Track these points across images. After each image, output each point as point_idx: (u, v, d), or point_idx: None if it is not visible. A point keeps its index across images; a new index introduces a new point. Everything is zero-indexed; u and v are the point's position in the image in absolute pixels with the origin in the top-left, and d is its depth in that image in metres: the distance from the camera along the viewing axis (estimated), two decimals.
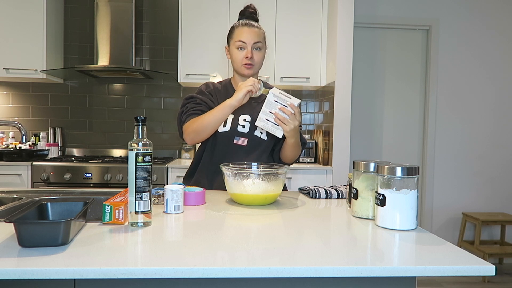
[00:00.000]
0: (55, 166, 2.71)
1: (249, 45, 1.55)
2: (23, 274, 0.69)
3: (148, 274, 0.71)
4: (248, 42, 1.54)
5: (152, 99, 3.38)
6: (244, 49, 1.56)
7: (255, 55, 1.56)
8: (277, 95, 1.42)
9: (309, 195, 1.45)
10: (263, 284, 0.82)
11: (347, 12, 2.86)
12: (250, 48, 1.55)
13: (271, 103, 1.42)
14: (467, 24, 3.50)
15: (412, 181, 0.99)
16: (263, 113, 1.43)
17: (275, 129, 1.44)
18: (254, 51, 1.56)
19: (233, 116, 1.56)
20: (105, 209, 0.99)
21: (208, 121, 1.49)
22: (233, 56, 1.59)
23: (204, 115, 1.51)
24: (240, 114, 1.57)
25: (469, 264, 0.76)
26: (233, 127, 1.55)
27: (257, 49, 1.57)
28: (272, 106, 1.42)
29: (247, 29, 1.55)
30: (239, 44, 1.55)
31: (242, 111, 1.57)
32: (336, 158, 2.88)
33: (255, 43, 1.55)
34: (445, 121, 3.52)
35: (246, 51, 1.55)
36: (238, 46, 1.56)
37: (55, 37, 3.15)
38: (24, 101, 3.30)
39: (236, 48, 1.56)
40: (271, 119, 1.42)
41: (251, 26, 1.56)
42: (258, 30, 1.57)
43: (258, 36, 1.56)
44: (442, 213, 3.55)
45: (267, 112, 1.42)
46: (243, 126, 1.56)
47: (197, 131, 1.51)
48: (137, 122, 0.99)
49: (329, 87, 3.01)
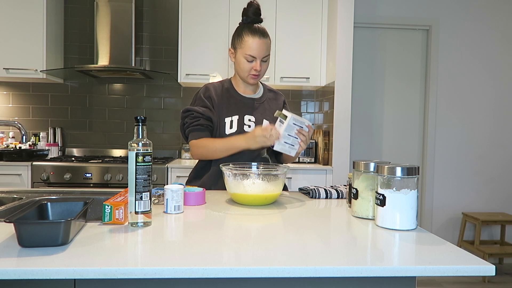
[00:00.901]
0: (55, 166, 2.71)
1: (259, 59, 1.54)
2: (23, 274, 0.69)
3: (148, 274, 0.71)
4: (259, 56, 1.53)
5: (152, 99, 3.38)
6: (252, 62, 1.55)
7: (262, 67, 1.56)
8: (296, 119, 1.44)
9: (309, 195, 1.45)
10: (263, 284, 0.82)
11: (347, 12, 2.86)
12: (259, 61, 1.54)
13: (290, 127, 1.43)
14: (467, 24, 3.50)
15: (412, 181, 0.99)
16: (283, 137, 1.42)
17: (290, 150, 1.46)
18: (262, 62, 1.56)
19: (238, 117, 1.58)
20: (105, 209, 0.99)
21: (215, 153, 1.54)
22: (240, 64, 1.57)
23: (213, 145, 1.53)
24: (244, 114, 1.60)
25: (469, 264, 0.76)
26: (240, 128, 1.57)
27: (265, 61, 1.57)
28: (291, 129, 1.43)
29: (258, 41, 1.52)
30: (249, 57, 1.54)
31: (246, 111, 1.60)
32: (336, 158, 2.88)
33: (264, 57, 1.55)
34: (445, 121, 3.52)
35: (255, 63, 1.54)
36: (248, 58, 1.54)
37: (55, 37, 3.15)
38: (24, 101, 3.30)
39: (245, 59, 1.55)
40: (288, 141, 1.44)
41: (262, 38, 1.53)
42: (268, 42, 1.55)
43: (267, 49, 1.55)
44: (442, 213, 3.55)
45: (286, 135, 1.43)
46: (248, 126, 1.58)
47: (204, 156, 1.58)
48: (137, 122, 0.99)
49: (329, 87, 3.01)
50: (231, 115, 1.59)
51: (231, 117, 1.59)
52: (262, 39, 1.52)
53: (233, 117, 1.59)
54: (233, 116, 1.59)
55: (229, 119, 1.58)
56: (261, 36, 1.52)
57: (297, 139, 1.44)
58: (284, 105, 1.74)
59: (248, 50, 1.52)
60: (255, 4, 1.56)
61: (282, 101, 1.73)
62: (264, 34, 1.54)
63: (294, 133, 1.43)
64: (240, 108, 1.61)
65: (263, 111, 1.64)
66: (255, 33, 1.52)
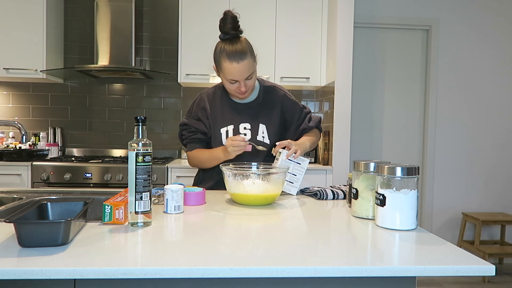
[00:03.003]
0: (55, 166, 2.71)
1: (242, 81, 1.47)
2: (23, 274, 0.69)
3: (148, 274, 0.71)
4: (241, 79, 1.46)
5: (152, 99, 3.38)
6: (236, 83, 1.48)
7: (248, 84, 1.49)
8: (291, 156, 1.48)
9: (316, 196, 1.44)
10: (263, 284, 0.82)
11: (347, 12, 2.86)
12: (243, 82, 1.47)
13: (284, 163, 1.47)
14: (467, 24, 3.49)
15: (412, 181, 0.99)
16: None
17: (290, 188, 1.49)
18: (246, 81, 1.48)
19: (234, 127, 1.58)
20: (105, 209, 0.99)
21: (204, 164, 1.62)
22: (225, 84, 1.52)
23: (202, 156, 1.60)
24: (239, 123, 1.59)
25: (469, 264, 0.76)
26: None
27: (249, 78, 1.48)
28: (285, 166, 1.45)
29: (236, 66, 1.42)
30: (231, 81, 1.47)
31: (240, 120, 1.59)
32: (336, 158, 2.88)
33: (247, 77, 1.47)
34: (445, 121, 3.52)
35: (238, 84, 1.48)
36: (230, 81, 1.48)
37: (55, 37, 3.15)
38: (24, 101, 3.30)
39: (227, 81, 1.49)
40: (286, 178, 1.45)
41: (240, 61, 1.42)
42: (248, 62, 1.44)
43: (248, 70, 1.45)
44: (442, 213, 3.55)
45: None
46: (245, 134, 1.58)
47: (197, 165, 1.67)
48: (137, 122, 0.99)
49: (329, 87, 3.01)
50: (226, 125, 1.59)
51: (226, 127, 1.59)
52: (241, 63, 1.42)
53: (228, 127, 1.59)
54: (228, 126, 1.59)
55: (224, 129, 1.59)
56: (240, 60, 1.42)
57: (295, 176, 1.48)
58: (285, 99, 1.66)
59: (229, 75, 1.46)
60: (230, 15, 1.43)
61: (281, 97, 1.65)
62: (243, 56, 1.42)
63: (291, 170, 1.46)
64: (234, 117, 1.59)
65: (258, 115, 1.61)
66: (232, 59, 1.42)
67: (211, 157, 1.57)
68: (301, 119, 1.68)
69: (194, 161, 1.65)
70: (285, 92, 1.68)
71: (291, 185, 1.49)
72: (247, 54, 1.44)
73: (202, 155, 1.61)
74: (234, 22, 1.43)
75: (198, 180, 1.70)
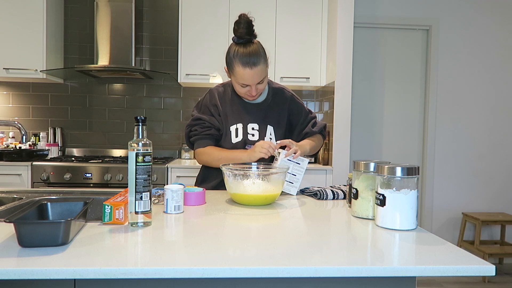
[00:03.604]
0: (55, 166, 2.71)
1: (253, 85, 1.48)
2: (23, 274, 0.69)
3: (148, 274, 0.71)
4: (253, 84, 1.47)
5: (152, 99, 3.38)
6: (247, 87, 1.49)
7: (259, 88, 1.50)
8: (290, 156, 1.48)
9: (317, 196, 1.44)
10: (263, 284, 0.82)
11: (347, 12, 2.86)
12: (254, 87, 1.48)
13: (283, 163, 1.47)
14: (467, 24, 3.49)
15: (412, 181, 0.99)
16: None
17: (290, 188, 1.49)
18: (258, 85, 1.49)
19: (243, 125, 1.59)
20: (105, 209, 0.99)
21: (219, 162, 1.52)
22: (235, 87, 1.53)
23: (219, 154, 1.55)
24: (248, 122, 1.59)
25: (469, 264, 0.76)
26: (244, 137, 1.58)
27: (261, 83, 1.49)
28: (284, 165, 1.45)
29: (249, 71, 1.43)
30: (243, 85, 1.48)
31: (249, 120, 1.59)
32: (336, 158, 2.88)
33: (259, 81, 1.48)
34: (445, 121, 3.52)
35: (249, 88, 1.49)
36: (242, 85, 1.49)
37: (55, 37, 3.15)
38: (24, 101, 3.30)
39: (239, 84, 1.50)
40: (286, 178, 1.45)
41: (253, 67, 1.42)
42: (261, 68, 1.44)
43: (261, 75, 1.45)
44: (442, 213, 3.55)
45: None
46: (252, 135, 1.59)
47: (208, 163, 1.60)
48: (137, 122, 0.99)
49: (329, 87, 3.01)
50: (236, 123, 1.59)
51: (235, 125, 1.59)
52: (254, 69, 1.42)
53: (238, 125, 1.59)
54: (237, 124, 1.59)
55: (234, 127, 1.59)
56: (253, 66, 1.42)
57: (295, 176, 1.48)
58: (292, 102, 1.67)
59: (241, 79, 1.46)
60: (244, 19, 1.40)
61: (288, 99, 1.66)
62: (256, 62, 1.42)
63: (290, 170, 1.47)
64: (243, 115, 1.59)
65: (266, 116, 1.62)
66: (245, 65, 1.42)
67: (230, 157, 1.51)
68: (305, 123, 1.69)
69: (205, 158, 1.58)
70: (293, 95, 1.70)
71: (291, 185, 1.49)
72: (260, 60, 1.44)
73: (219, 153, 1.55)
74: (249, 27, 1.42)
75: (202, 179, 1.69)
